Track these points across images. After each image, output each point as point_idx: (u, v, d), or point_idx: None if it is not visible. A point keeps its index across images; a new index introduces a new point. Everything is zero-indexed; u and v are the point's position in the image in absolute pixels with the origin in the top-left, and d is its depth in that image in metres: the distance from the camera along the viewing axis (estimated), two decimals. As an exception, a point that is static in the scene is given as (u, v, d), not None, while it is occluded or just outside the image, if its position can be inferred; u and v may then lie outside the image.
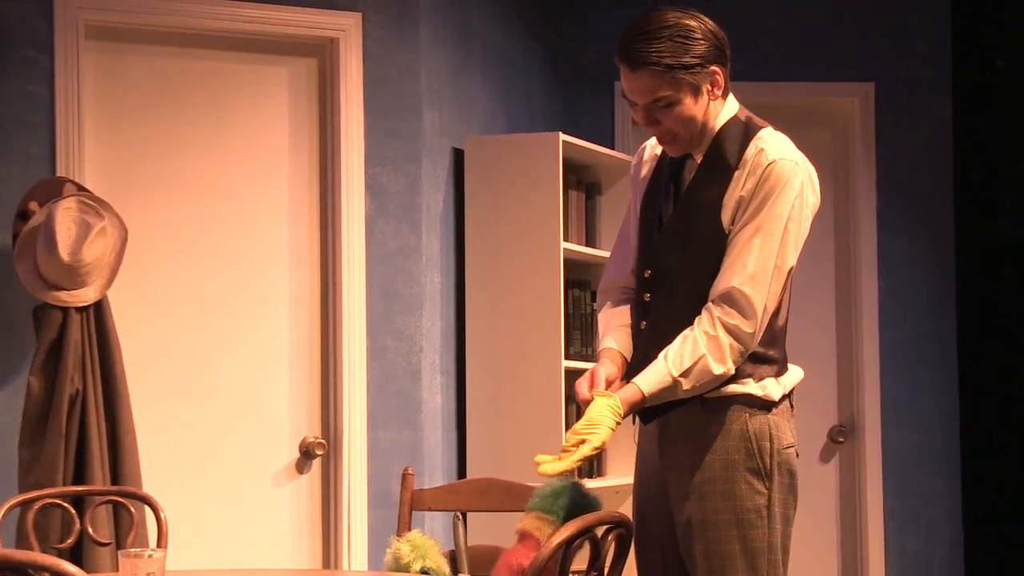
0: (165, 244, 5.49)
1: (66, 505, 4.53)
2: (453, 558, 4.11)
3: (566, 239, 5.97)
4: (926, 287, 7.03)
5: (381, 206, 5.76)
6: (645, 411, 3.91)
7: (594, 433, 3.64)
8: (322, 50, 5.75)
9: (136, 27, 5.45)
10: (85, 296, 4.90)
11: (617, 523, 3.39)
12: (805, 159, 3.85)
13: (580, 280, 6.12)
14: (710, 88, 3.82)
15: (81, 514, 4.54)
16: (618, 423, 3.70)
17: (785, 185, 3.75)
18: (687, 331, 3.71)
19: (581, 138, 6.17)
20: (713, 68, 3.81)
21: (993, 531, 7.06)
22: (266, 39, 5.66)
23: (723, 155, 3.84)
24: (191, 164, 5.58)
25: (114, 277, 4.97)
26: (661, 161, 3.99)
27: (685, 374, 3.68)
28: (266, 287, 5.68)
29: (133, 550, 3.36)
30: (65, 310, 4.88)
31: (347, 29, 5.72)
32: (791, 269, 3.81)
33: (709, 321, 3.70)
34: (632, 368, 3.88)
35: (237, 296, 5.64)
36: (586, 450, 3.63)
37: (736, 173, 3.79)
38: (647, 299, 3.93)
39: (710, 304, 3.72)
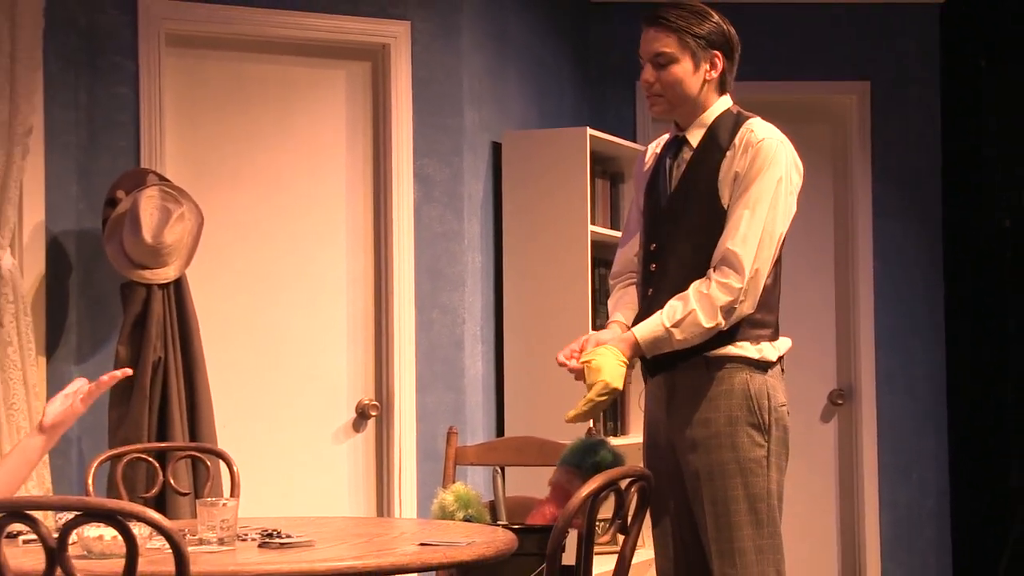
0: (237, 228, 5.51)
1: (150, 459, 4.58)
2: (492, 507, 4.13)
3: (593, 223, 5.98)
4: (917, 266, 7.02)
5: (428, 194, 5.77)
6: (650, 366, 3.95)
7: (603, 377, 3.69)
8: (375, 55, 5.75)
9: (210, 35, 5.47)
10: (166, 274, 4.92)
11: (639, 477, 3.41)
12: (787, 145, 3.89)
13: (605, 259, 6.12)
14: (708, 68, 3.90)
15: (163, 467, 4.60)
16: (624, 363, 3.74)
17: (772, 161, 3.80)
18: (682, 292, 3.75)
19: (606, 132, 6.17)
20: (715, 52, 3.90)
21: (976, 484, 7.05)
22: (326, 45, 5.66)
23: (716, 140, 3.89)
24: (260, 156, 5.60)
25: (192, 257, 5.00)
26: (661, 155, 4.03)
27: (676, 325, 3.71)
28: (326, 266, 5.70)
29: (209, 499, 3.39)
30: (148, 287, 4.90)
31: (397, 36, 5.73)
32: (782, 237, 3.84)
33: (705, 281, 3.73)
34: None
35: (300, 274, 5.65)
36: (599, 389, 3.69)
37: (728, 153, 3.85)
38: (652, 269, 3.96)
39: (710, 268, 3.76)
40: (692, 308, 3.71)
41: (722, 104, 3.95)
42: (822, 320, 7.01)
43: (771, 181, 3.78)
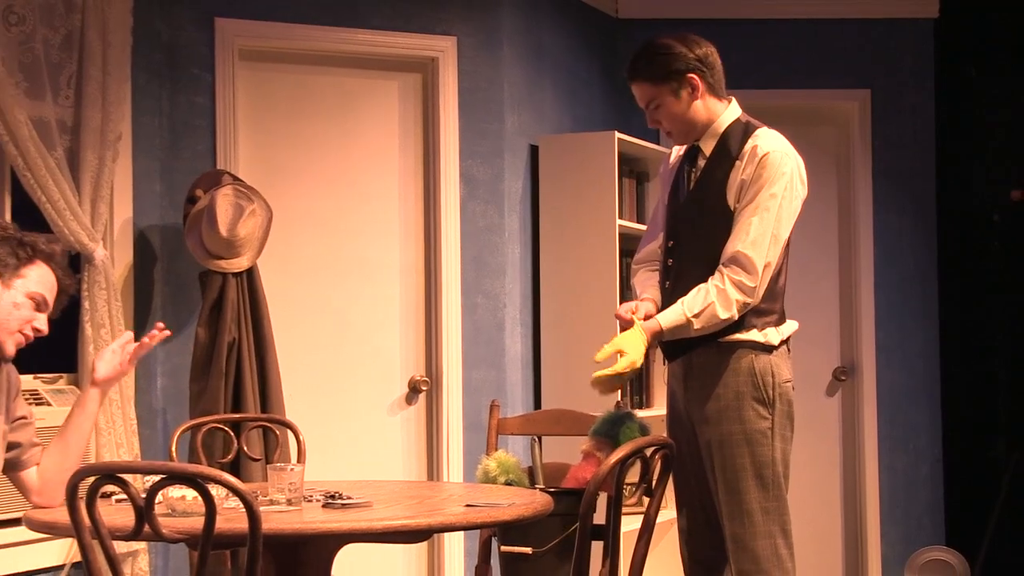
0: (302, 222, 5.53)
1: (226, 429, 4.60)
2: (531, 473, 4.14)
3: (620, 217, 5.96)
4: (913, 255, 6.98)
5: (472, 192, 5.78)
6: (669, 350, 3.97)
7: (632, 353, 3.73)
8: (425, 67, 5.76)
9: (278, 50, 5.49)
10: (240, 264, 4.94)
11: (662, 445, 3.42)
12: (795, 153, 3.90)
13: (631, 250, 6.05)
14: (690, 91, 3.90)
15: (238, 436, 4.62)
16: (646, 346, 3.77)
17: (777, 171, 3.80)
18: (702, 284, 3.77)
19: (632, 136, 6.16)
20: (689, 76, 3.89)
21: (966, 453, 7.02)
22: (380, 59, 5.67)
23: (727, 149, 3.90)
24: (322, 158, 5.62)
25: (262, 249, 5.01)
26: (681, 160, 4.05)
27: (696, 316, 3.75)
28: (381, 256, 5.71)
29: (279, 464, 3.40)
30: (224, 275, 4.92)
31: (445, 50, 5.73)
32: (787, 239, 3.86)
33: (719, 277, 3.76)
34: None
35: (359, 263, 5.67)
36: (624, 363, 3.73)
37: (737, 163, 3.86)
38: (670, 264, 3.99)
39: (721, 266, 3.77)
40: (711, 301, 3.74)
41: (731, 114, 3.96)
42: (827, 303, 6.98)
43: (776, 189, 3.80)
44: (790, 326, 3.98)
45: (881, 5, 6.90)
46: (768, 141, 3.85)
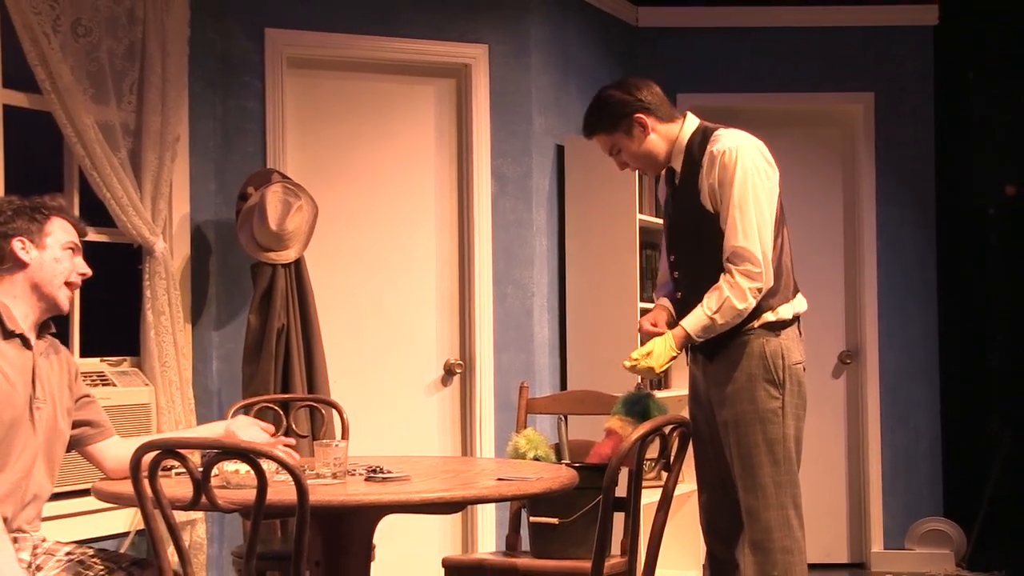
0: (345, 217, 5.53)
1: (276, 408, 4.63)
2: (557, 449, 4.14)
3: (640, 212, 5.96)
4: (913, 245, 6.96)
5: (503, 188, 5.78)
6: (702, 348, 3.98)
7: (654, 359, 3.76)
8: (459, 73, 5.76)
9: (323, 58, 5.49)
10: (288, 256, 4.95)
11: (680, 424, 3.43)
12: (753, 142, 3.88)
13: (651, 242, 6.12)
14: (640, 128, 3.92)
15: (287, 414, 4.64)
16: (673, 356, 3.79)
17: (738, 166, 3.80)
18: (715, 285, 3.77)
19: (652, 136, 6.16)
20: (636, 117, 3.91)
21: (964, 429, 7.00)
22: (418, 65, 5.67)
23: (692, 158, 3.91)
24: (363, 158, 5.62)
25: (309, 241, 5.02)
26: (666, 183, 4.09)
27: (716, 312, 3.76)
28: (419, 248, 5.71)
29: (324, 440, 3.41)
30: (273, 266, 4.92)
31: (477, 57, 5.74)
32: (776, 217, 3.85)
33: (728, 274, 3.76)
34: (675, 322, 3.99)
35: (397, 255, 5.67)
36: (651, 362, 3.76)
37: (703, 169, 3.85)
38: (676, 276, 4.02)
39: (726, 263, 3.77)
40: (726, 296, 3.75)
41: (689, 127, 3.97)
42: (833, 292, 6.97)
43: (740, 181, 3.79)
44: (801, 302, 3.97)
45: (884, 14, 6.88)
46: (723, 142, 3.86)
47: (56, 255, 3.27)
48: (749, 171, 3.79)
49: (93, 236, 4.48)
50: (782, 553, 3.81)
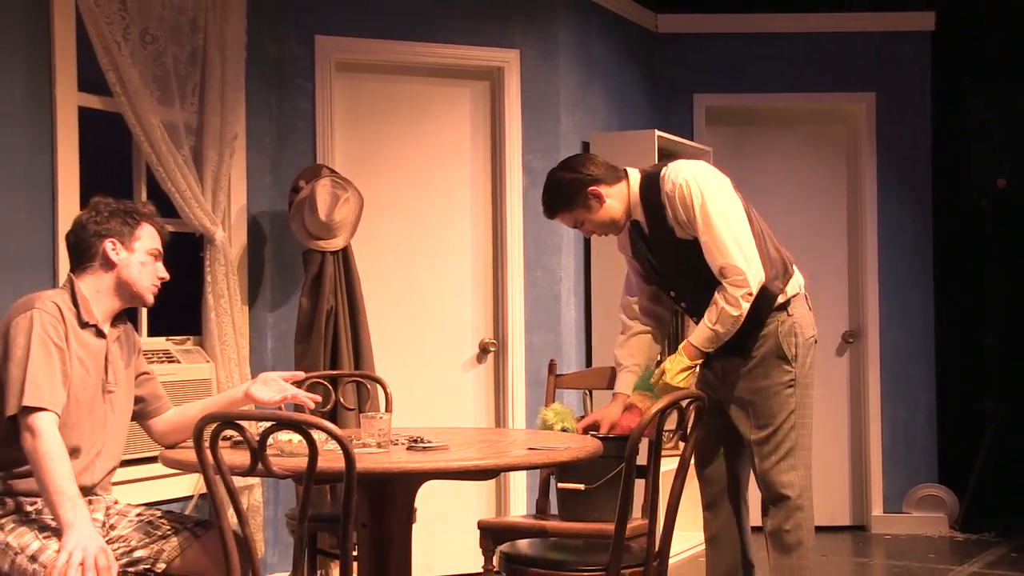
0: (389, 208, 5.53)
1: (325, 383, 4.60)
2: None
3: (660, 203, 5.95)
4: (912, 233, 6.91)
5: (533, 181, 5.76)
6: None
7: (669, 376, 3.79)
8: (492, 75, 5.74)
9: (368, 62, 5.49)
10: (336, 244, 4.96)
11: (696, 398, 3.41)
12: (692, 166, 3.87)
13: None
14: (596, 199, 3.90)
15: (335, 389, 4.63)
16: (687, 367, 3.80)
17: (691, 192, 3.78)
18: (712, 300, 3.78)
19: (670, 133, 6.14)
20: (590, 190, 3.89)
21: (958, 404, 6.96)
22: (454, 68, 5.66)
23: (650, 206, 3.89)
24: (405, 154, 5.62)
25: (355, 231, 5.02)
26: (631, 236, 4.04)
27: (716, 323, 3.76)
28: (456, 237, 5.71)
29: (370, 413, 3.41)
30: (323, 253, 4.94)
31: (509, 61, 5.72)
32: (743, 223, 3.80)
33: (721, 288, 3.75)
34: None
35: (436, 243, 5.67)
36: (667, 379, 3.78)
37: (667, 211, 3.83)
38: (683, 305, 4.04)
39: (719, 278, 3.76)
40: (721, 307, 3.76)
41: (634, 182, 3.94)
42: (837, 277, 6.93)
43: (702, 205, 3.77)
44: (798, 277, 3.95)
45: (885, 20, 6.84)
46: (669, 180, 3.83)
47: (142, 259, 3.28)
48: (705, 194, 3.78)
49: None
50: (796, 511, 3.84)
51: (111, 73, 4.40)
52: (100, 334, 3.23)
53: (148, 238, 3.31)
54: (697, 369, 3.84)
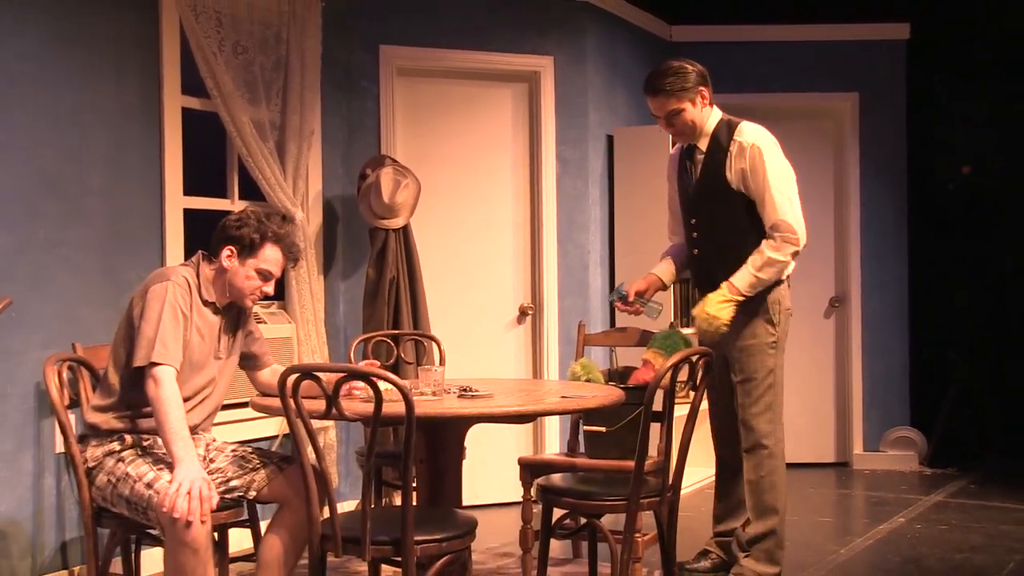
0: (442, 192, 5.52)
1: (388, 340, 4.65)
2: (608, 373, 4.13)
3: (673, 188, 5.90)
4: (889, 212, 6.83)
5: (565, 169, 5.74)
6: (707, 286, 3.89)
7: (717, 313, 3.70)
8: (530, 78, 5.70)
9: (425, 68, 5.46)
10: (397, 223, 4.96)
11: (704, 354, 3.39)
12: (769, 137, 3.79)
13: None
14: (701, 100, 3.81)
15: (397, 346, 4.67)
16: (727, 301, 3.70)
17: (763, 156, 3.73)
18: (757, 249, 3.71)
19: (682, 128, 6.09)
20: (700, 88, 3.80)
21: (928, 359, 6.91)
22: (498, 73, 5.63)
23: (718, 143, 3.82)
24: (456, 145, 5.59)
25: (413, 211, 5.03)
26: (682, 157, 3.96)
27: (760, 269, 3.71)
28: (499, 216, 5.69)
29: (426, 366, 3.43)
30: (386, 231, 4.95)
31: (545, 66, 5.68)
32: (795, 191, 3.78)
33: (771, 239, 3.71)
34: (692, 274, 4.00)
35: (483, 222, 5.65)
36: (716, 321, 3.69)
37: (729, 153, 3.76)
38: (695, 236, 3.93)
39: (769, 232, 3.71)
40: (768, 256, 3.71)
41: (715, 118, 3.86)
42: (825, 250, 6.85)
43: (770, 167, 3.73)
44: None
45: (867, 31, 6.78)
46: (748, 135, 3.77)
47: (249, 274, 3.20)
48: (776, 160, 3.74)
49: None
50: (768, 457, 3.78)
51: (209, 79, 4.41)
52: (217, 311, 3.25)
53: (266, 260, 3.21)
54: (733, 308, 3.70)
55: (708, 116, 3.83)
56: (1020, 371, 6.97)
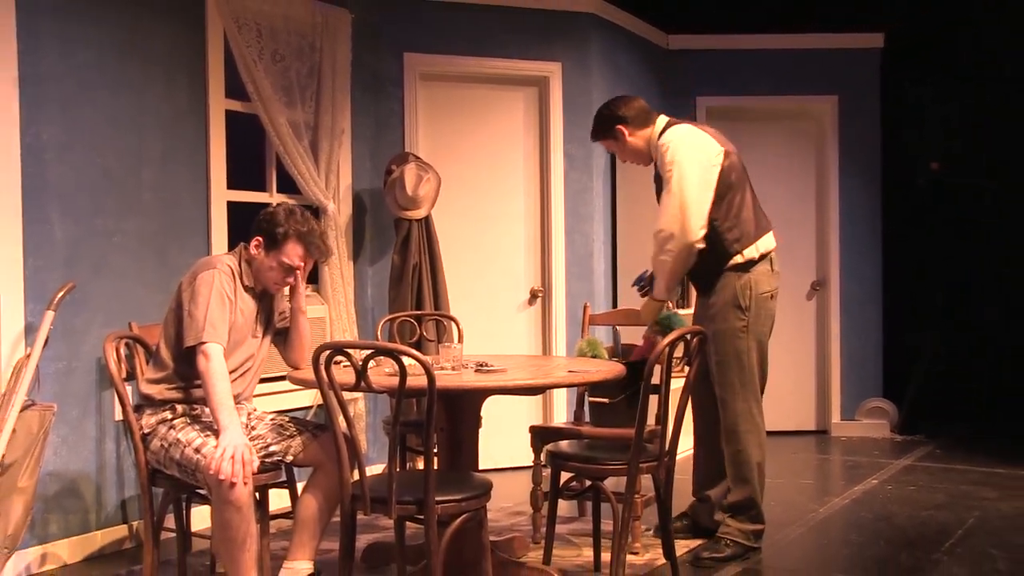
0: (460, 186, 5.50)
1: (412, 320, 4.65)
2: (611, 350, 4.12)
3: (669, 182, 5.87)
4: (865, 205, 6.79)
5: (571, 164, 5.71)
6: (695, 280, 3.88)
7: (645, 317, 3.81)
8: (540, 83, 5.67)
9: (445, 73, 5.44)
10: (420, 214, 4.95)
11: (697, 333, 3.38)
12: (689, 132, 3.71)
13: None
14: (621, 134, 3.81)
15: (419, 325, 4.65)
16: (654, 302, 3.78)
17: (668, 155, 3.66)
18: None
19: (677, 128, 6.05)
20: (617, 127, 3.80)
21: (898, 337, 6.89)
22: (511, 77, 5.60)
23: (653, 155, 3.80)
24: (472, 144, 5.57)
25: (434, 203, 5.01)
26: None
27: (657, 274, 3.77)
28: (512, 207, 5.66)
29: (446, 343, 3.43)
30: (410, 221, 4.93)
31: (553, 71, 5.64)
32: (728, 183, 3.68)
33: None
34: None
35: (497, 213, 5.62)
36: (646, 320, 3.80)
37: (656, 159, 3.77)
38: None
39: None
40: (654, 261, 3.76)
41: (658, 127, 3.81)
42: (807, 238, 6.82)
43: (669, 170, 3.66)
44: (767, 241, 3.81)
45: (846, 39, 6.74)
46: (664, 138, 3.71)
47: (272, 265, 3.19)
48: (679, 157, 3.63)
49: (286, 199, 4.50)
50: (744, 434, 3.75)
51: (249, 84, 4.41)
52: (255, 295, 3.25)
53: (287, 254, 3.18)
54: (656, 307, 3.78)
55: (647, 136, 3.81)
56: (980, 348, 6.97)
